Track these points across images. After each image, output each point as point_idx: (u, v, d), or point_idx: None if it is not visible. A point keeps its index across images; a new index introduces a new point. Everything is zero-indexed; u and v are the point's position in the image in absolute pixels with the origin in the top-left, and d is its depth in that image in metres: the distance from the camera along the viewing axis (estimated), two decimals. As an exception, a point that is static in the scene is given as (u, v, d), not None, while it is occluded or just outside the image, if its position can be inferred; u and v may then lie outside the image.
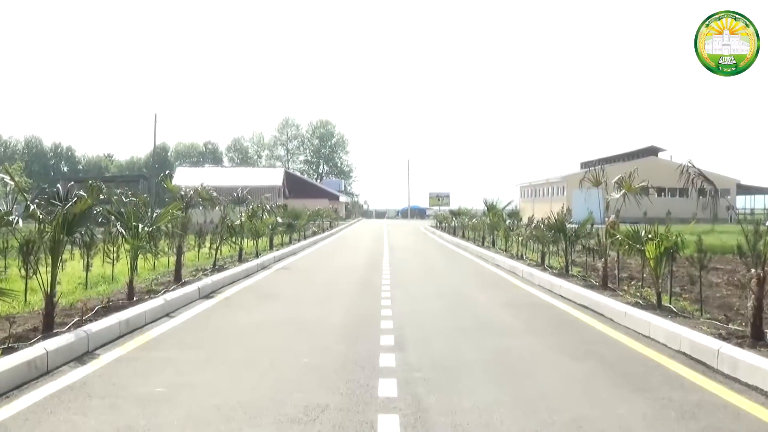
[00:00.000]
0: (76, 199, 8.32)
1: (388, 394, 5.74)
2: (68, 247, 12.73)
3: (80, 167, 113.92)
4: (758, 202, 69.90)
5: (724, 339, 7.20)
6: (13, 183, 8.50)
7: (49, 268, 7.92)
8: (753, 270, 7.41)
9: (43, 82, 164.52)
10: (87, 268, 12.66)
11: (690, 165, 8.61)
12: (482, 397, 5.73)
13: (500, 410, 5.34)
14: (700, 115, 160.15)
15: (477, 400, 5.63)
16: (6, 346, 6.55)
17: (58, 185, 8.90)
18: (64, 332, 7.31)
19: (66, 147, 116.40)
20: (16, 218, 8.35)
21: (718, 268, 15.07)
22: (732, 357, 6.54)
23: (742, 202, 72.07)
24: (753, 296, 7.28)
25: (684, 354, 7.40)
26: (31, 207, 8.13)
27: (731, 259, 16.10)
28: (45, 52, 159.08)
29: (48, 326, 7.43)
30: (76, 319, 8.03)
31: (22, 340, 6.86)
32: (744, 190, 71.16)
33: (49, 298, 7.58)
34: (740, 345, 6.89)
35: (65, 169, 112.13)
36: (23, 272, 9.89)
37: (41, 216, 8.06)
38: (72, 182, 9.36)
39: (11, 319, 7.44)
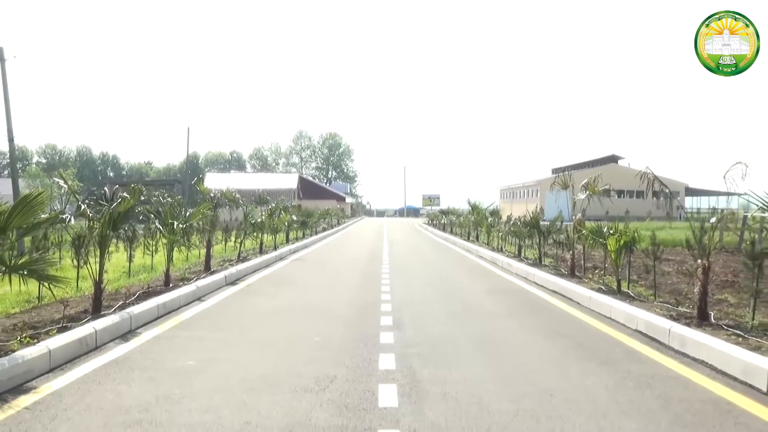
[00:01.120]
0: (120, 200, 8.31)
1: (387, 367, 5.74)
2: (114, 241, 12.72)
3: (124, 173, 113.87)
4: (704, 203, 69.81)
5: (674, 319, 7.20)
6: (66, 186, 8.51)
7: (98, 259, 7.91)
8: (699, 260, 7.41)
9: (93, 99, 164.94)
10: (130, 259, 12.67)
11: (648, 171, 8.60)
12: (468, 370, 5.73)
13: (484, 381, 5.33)
14: (654, 126, 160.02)
15: (464, 372, 5.62)
16: (61, 325, 6.56)
17: (105, 188, 8.85)
18: (110, 314, 7.31)
19: (112, 155, 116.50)
20: (69, 216, 8.34)
21: (670, 259, 15.08)
22: (681, 335, 6.54)
23: (690, 203, 72.06)
24: (699, 283, 7.29)
25: (640, 332, 7.40)
26: (82, 207, 8.12)
27: (680, 251, 16.13)
28: (93, 74, 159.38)
29: (96, 308, 7.43)
30: (120, 302, 8.03)
31: (75, 320, 6.87)
32: (691, 192, 71.20)
33: (98, 284, 7.58)
34: (688, 325, 6.90)
35: (111, 174, 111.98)
36: (75, 262, 9.89)
37: (90, 214, 8.06)
38: (117, 185, 9.33)
39: (65, 303, 7.46)
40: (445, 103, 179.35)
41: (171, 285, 10.09)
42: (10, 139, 23.53)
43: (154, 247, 13.90)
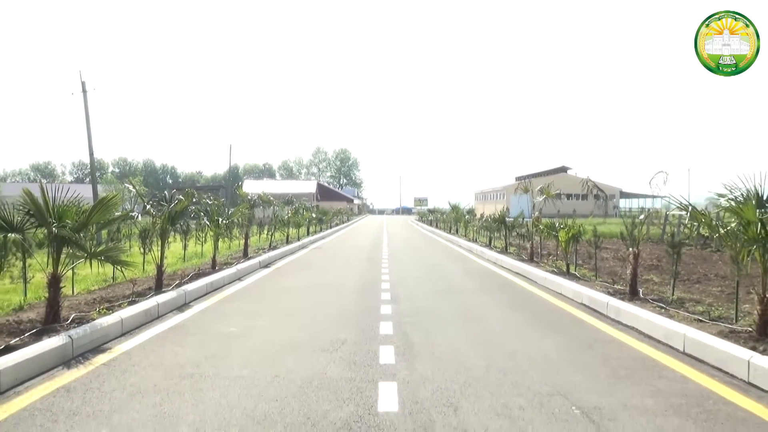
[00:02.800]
0: (177, 201, 8.31)
1: (386, 333, 5.73)
2: (172, 233, 12.70)
3: (180, 180, 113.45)
4: (635, 204, 69.75)
5: (611, 295, 7.19)
6: (135, 190, 8.53)
7: (159, 248, 7.92)
8: (631, 249, 7.41)
9: (156, 120, 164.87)
10: (184, 247, 12.66)
11: (588, 179, 8.59)
12: (450, 334, 5.72)
13: (462, 343, 5.33)
14: (595, 140, 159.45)
15: (447, 336, 5.61)
16: (130, 299, 6.55)
17: (165, 192, 8.88)
18: (169, 291, 7.30)
19: (171, 166, 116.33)
20: (137, 214, 8.36)
21: (607, 248, 15.06)
22: (617, 307, 6.54)
23: (624, 204, 72.01)
24: (631, 266, 7.27)
25: (585, 305, 7.39)
26: (147, 207, 8.12)
27: (616, 241, 16.11)
28: (157, 100, 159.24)
29: (158, 286, 7.43)
30: (177, 281, 8.03)
31: (141, 295, 6.86)
32: (625, 195, 71.11)
33: (159, 267, 7.58)
34: (622, 299, 6.88)
35: (170, 181, 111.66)
36: (141, 250, 9.87)
37: (154, 213, 8.06)
38: (174, 190, 9.35)
39: (134, 282, 7.48)
40: (432, 123, 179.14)
41: (217, 268, 10.08)
42: (91, 153, 23.59)
43: (203, 239, 13.88)
